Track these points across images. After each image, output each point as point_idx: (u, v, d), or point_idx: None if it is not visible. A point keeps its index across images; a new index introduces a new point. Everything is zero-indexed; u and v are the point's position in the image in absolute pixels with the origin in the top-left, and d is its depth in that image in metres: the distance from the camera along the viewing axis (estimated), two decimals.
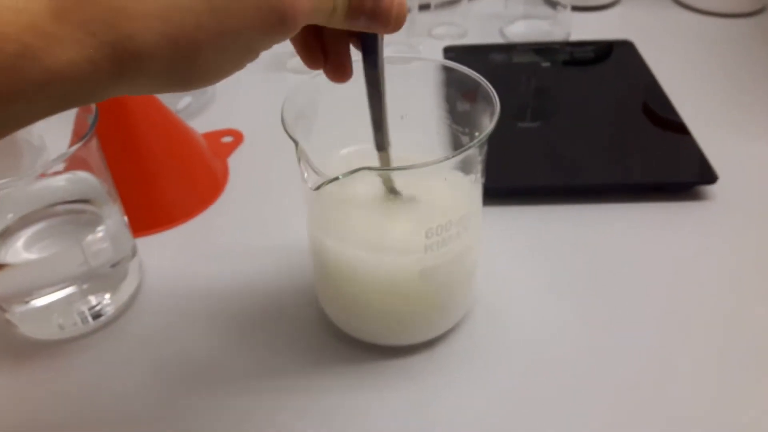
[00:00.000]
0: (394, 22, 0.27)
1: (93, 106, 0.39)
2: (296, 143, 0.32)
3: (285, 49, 0.71)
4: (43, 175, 0.39)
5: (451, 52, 0.68)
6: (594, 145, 0.55)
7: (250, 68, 0.27)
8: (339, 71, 0.32)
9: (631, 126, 0.57)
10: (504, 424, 0.36)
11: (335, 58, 0.31)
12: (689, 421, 0.36)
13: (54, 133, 0.48)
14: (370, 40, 0.31)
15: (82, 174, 0.42)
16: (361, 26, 0.27)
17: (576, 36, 0.74)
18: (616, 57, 0.68)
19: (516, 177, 0.52)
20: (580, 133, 0.56)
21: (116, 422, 0.37)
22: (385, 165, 0.35)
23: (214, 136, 0.58)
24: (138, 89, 0.24)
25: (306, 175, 0.32)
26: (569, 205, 0.50)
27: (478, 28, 0.76)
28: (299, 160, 0.32)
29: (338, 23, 0.26)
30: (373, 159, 0.35)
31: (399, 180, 0.36)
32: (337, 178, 0.31)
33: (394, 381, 0.39)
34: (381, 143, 0.34)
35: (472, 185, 0.36)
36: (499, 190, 0.49)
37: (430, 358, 0.40)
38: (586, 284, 0.44)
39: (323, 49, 0.31)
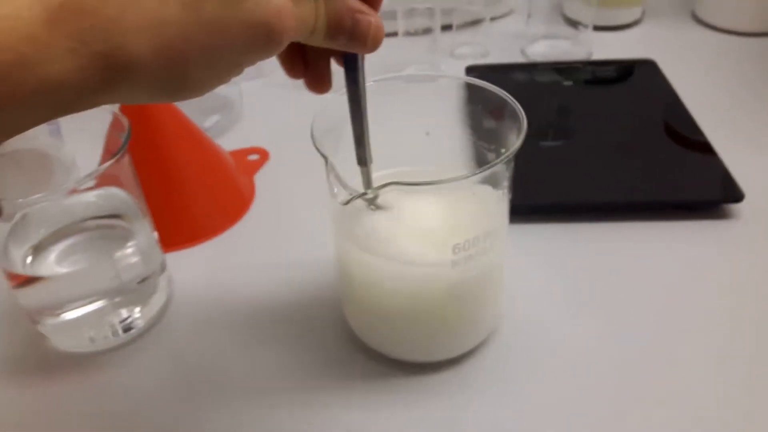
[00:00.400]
0: (371, 43, 0.28)
1: (125, 125, 0.40)
2: (326, 159, 0.32)
3: None
4: (75, 191, 0.40)
5: (473, 71, 0.69)
6: (618, 164, 0.55)
7: (276, 87, 0.28)
8: (318, 83, 0.33)
9: (655, 145, 0.57)
10: None
11: (315, 70, 0.32)
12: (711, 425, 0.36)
13: (85, 149, 0.49)
14: (351, 58, 0.32)
15: (113, 190, 0.43)
16: (340, 45, 0.28)
17: (597, 56, 0.74)
18: (638, 76, 0.68)
19: (540, 194, 0.52)
20: (603, 152, 0.57)
21: None
22: (366, 180, 0.35)
23: (241, 154, 0.59)
24: (128, 98, 0.24)
25: (335, 190, 0.32)
26: (595, 223, 0.50)
27: (499, 48, 0.77)
28: (328, 175, 0.33)
29: (318, 42, 0.28)
30: (404, 177, 0.35)
31: (426, 195, 0.36)
32: (365, 194, 0.31)
33: (420, 398, 0.39)
34: (363, 158, 0.35)
35: (500, 201, 0.36)
36: (523, 207, 0.49)
37: (457, 374, 0.40)
38: (612, 302, 0.44)
39: (304, 61, 0.32)
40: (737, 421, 0.37)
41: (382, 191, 0.31)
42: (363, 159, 0.35)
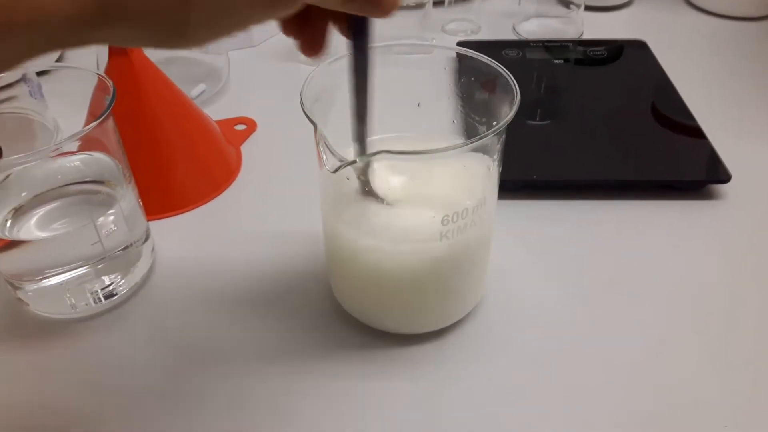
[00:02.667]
0: (389, 6, 0.27)
1: (110, 87, 0.39)
2: (315, 125, 0.32)
3: None
4: (58, 155, 0.39)
5: (464, 47, 0.68)
6: (606, 143, 0.55)
7: (264, 58, 0.27)
8: (313, 46, 0.31)
9: (644, 125, 0.57)
10: (511, 415, 0.36)
11: (312, 31, 0.30)
12: (695, 412, 0.36)
13: (68, 113, 0.48)
14: (361, 24, 0.30)
15: (97, 155, 0.42)
16: (354, 9, 0.27)
17: (588, 36, 0.74)
18: (629, 56, 0.68)
19: (527, 171, 0.52)
20: (591, 130, 0.56)
21: (125, 401, 0.37)
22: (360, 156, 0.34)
23: (228, 124, 0.58)
24: (122, 39, 0.23)
25: (324, 158, 0.32)
26: (581, 201, 0.50)
27: (491, 25, 0.76)
28: (317, 143, 0.32)
29: (332, 3, 0.26)
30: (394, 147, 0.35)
31: (418, 165, 0.36)
32: (355, 161, 0.31)
33: (403, 369, 0.39)
34: (361, 135, 0.34)
35: (490, 174, 0.36)
36: (509, 183, 0.49)
37: (440, 347, 0.40)
38: (595, 279, 0.44)
39: (302, 19, 0.30)
40: (719, 395, 0.37)
41: (372, 159, 0.31)
42: (361, 136, 0.34)
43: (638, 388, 0.38)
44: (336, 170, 0.31)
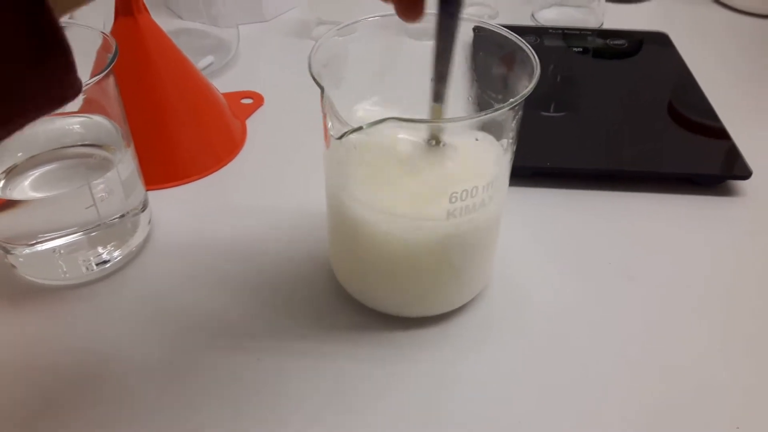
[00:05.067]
0: None
1: (113, 44, 0.37)
2: (322, 89, 0.30)
3: (310, 17, 0.70)
4: (55, 114, 0.37)
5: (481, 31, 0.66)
6: (624, 135, 0.53)
7: (275, 33, 0.26)
8: (412, 8, 0.30)
9: (664, 118, 0.55)
10: (514, 402, 0.35)
11: None
12: (704, 404, 0.35)
13: None
14: None
15: (96, 117, 0.41)
16: None
17: (608, 27, 0.72)
18: (650, 48, 0.66)
19: (541, 158, 0.50)
20: (609, 122, 0.55)
21: (113, 369, 0.36)
22: (437, 117, 0.33)
23: (234, 97, 0.56)
24: None
25: (330, 124, 0.30)
26: (595, 191, 0.49)
27: (509, 11, 0.74)
28: (323, 108, 0.31)
29: None
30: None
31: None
32: (361, 128, 0.29)
33: (405, 353, 0.37)
34: (440, 95, 0.33)
35: (503, 152, 0.34)
36: (522, 170, 0.47)
37: (443, 332, 0.38)
38: (606, 271, 0.43)
39: None
40: (731, 392, 0.35)
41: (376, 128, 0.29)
42: (440, 96, 0.33)
43: (646, 379, 0.36)
44: (341, 136, 0.29)
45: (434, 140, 0.34)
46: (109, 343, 0.38)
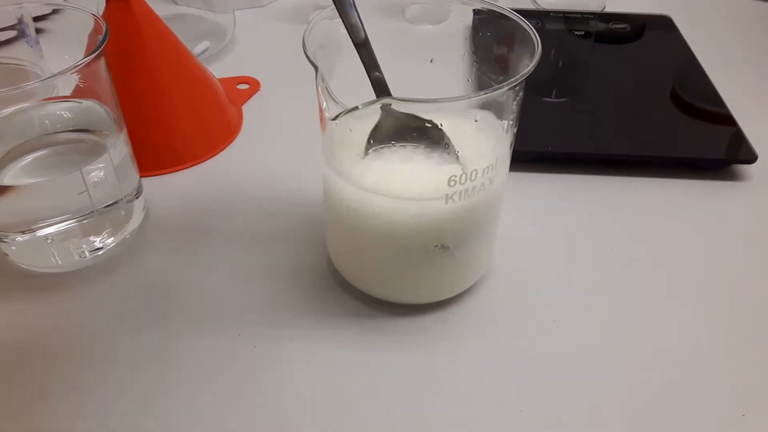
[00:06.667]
0: None
1: (103, 26, 0.36)
2: (316, 68, 0.29)
3: (307, 1, 0.69)
4: (48, 99, 0.37)
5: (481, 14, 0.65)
6: (627, 119, 0.52)
7: (271, 19, 0.25)
8: None
9: (667, 102, 0.54)
10: (514, 390, 0.34)
11: None
12: (709, 387, 0.34)
13: (64, 63, 0.46)
14: None
15: (87, 102, 0.40)
16: None
17: (611, 9, 0.71)
18: (653, 31, 0.65)
19: (541, 143, 0.49)
20: (612, 105, 0.54)
21: (106, 356, 0.35)
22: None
23: (230, 82, 0.56)
24: None
25: (325, 104, 0.29)
26: (597, 176, 0.48)
27: None
28: (318, 88, 0.30)
29: None
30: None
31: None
32: (356, 108, 0.28)
33: (403, 340, 0.36)
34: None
35: (503, 134, 0.34)
36: (524, 155, 0.46)
37: (442, 319, 0.38)
38: (609, 256, 0.42)
39: None
40: (737, 379, 0.35)
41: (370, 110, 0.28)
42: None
43: (650, 365, 0.35)
44: (336, 117, 0.28)
45: (432, 122, 0.33)
46: (102, 330, 0.37)
